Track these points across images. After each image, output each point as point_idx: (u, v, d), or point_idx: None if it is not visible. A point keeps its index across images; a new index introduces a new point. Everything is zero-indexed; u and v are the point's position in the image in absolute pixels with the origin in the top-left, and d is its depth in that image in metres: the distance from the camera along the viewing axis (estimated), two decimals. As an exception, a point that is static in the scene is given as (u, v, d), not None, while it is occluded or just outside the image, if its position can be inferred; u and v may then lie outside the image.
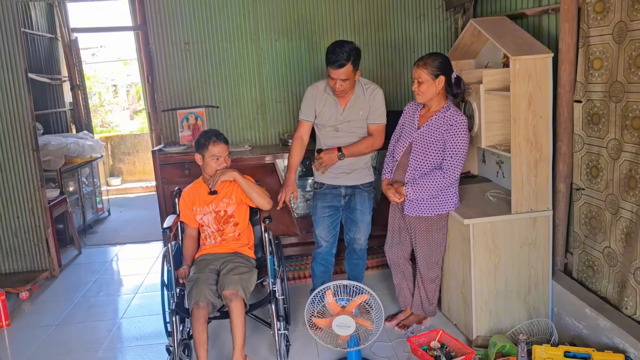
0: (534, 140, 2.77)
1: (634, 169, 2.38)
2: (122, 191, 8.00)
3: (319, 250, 3.31)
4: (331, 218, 3.24)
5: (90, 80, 11.02)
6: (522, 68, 2.69)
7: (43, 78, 5.64)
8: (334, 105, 3.07)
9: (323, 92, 3.10)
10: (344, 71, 2.88)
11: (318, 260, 3.34)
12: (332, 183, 3.19)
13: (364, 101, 3.07)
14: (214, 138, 2.86)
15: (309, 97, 3.13)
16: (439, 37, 4.56)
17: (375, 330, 2.60)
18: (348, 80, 2.92)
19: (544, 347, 2.47)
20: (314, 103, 3.11)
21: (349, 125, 3.09)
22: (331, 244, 3.30)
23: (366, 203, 3.24)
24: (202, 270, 2.78)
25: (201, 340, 2.59)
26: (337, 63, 2.86)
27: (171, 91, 4.42)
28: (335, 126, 3.09)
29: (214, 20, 4.36)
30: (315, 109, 3.12)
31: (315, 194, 3.26)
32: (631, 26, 2.32)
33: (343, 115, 3.07)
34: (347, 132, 3.10)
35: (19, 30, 3.97)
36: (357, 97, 3.07)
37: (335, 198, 3.21)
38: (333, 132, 3.11)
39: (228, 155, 2.91)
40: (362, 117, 3.09)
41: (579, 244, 2.84)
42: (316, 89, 3.12)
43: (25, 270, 4.23)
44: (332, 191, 3.20)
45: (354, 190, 3.21)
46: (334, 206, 3.23)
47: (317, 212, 3.24)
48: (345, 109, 3.06)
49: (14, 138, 4.05)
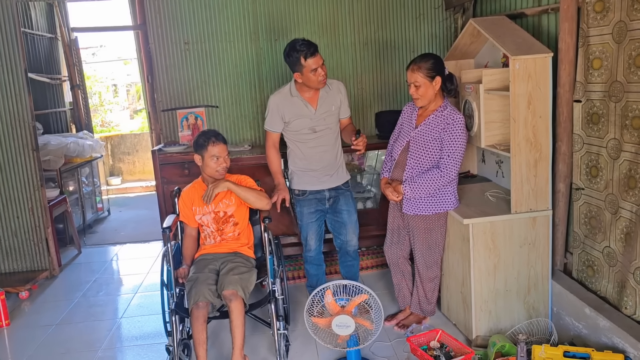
0: (533, 140, 2.77)
1: (633, 168, 2.38)
2: (122, 191, 8.01)
3: (309, 254, 3.33)
4: (318, 222, 3.26)
5: (90, 79, 11.02)
6: (521, 68, 2.69)
7: (43, 78, 5.63)
8: (304, 107, 3.06)
9: (290, 97, 3.07)
10: (320, 56, 2.94)
11: (310, 262, 3.37)
12: (315, 188, 3.18)
13: (332, 95, 3.10)
14: (213, 138, 2.85)
15: (274, 108, 3.09)
16: (439, 37, 4.56)
17: (375, 330, 2.60)
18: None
19: (543, 347, 2.46)
20: (280, 112, 3.09)
21: (325, 123, 3.09)
22: (319, 244, 3.32)
23: (350, 202, 3.25)
24: (202, 270, 2.78)
25: (201, 340, 2.59)
26: (313, 47, 2.91)
27: (171, 91, 4.42)
28: (312, 127, 3.08)
29: (214, 20, 4.35)
30: (282, 117, 3.09)
31: (299, 201, 3.23)
32: (631, 26, 2.32)
33: (317, 114, 3.07)
34: (324, 130, 3.10)
35: (19, 30, 3.97)
36: (325, 94, 3.09)
37: (320, 202, 3.21)
38: (311, 135, 3.10)
39: (227, 155, 2.90)
40: (334, 111, 3.12)
41: (578, 244, 2.83)
42: (280, 95, 3.10)
43: (25, 270, 4.23)
44: (316, 196, 3.20)
45: (337, 192, 3.21)
46: (319, 210, 3.23)
47: (303, 218, 3.23)
48: (317, 108, 3.06)
49: (14, 138, 4.05)
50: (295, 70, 2.96)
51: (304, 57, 2.89)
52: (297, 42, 2.92)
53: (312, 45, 2.91)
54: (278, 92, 3.12)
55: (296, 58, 2.90)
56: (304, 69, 2.92)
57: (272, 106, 3.10)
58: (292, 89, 3.07)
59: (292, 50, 2.91)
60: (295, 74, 2.98)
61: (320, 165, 3.13)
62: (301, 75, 2.95)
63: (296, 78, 3.00)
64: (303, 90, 3.05)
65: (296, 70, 2.96)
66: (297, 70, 2.94)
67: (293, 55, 2.91)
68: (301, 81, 2.99)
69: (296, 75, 2.98)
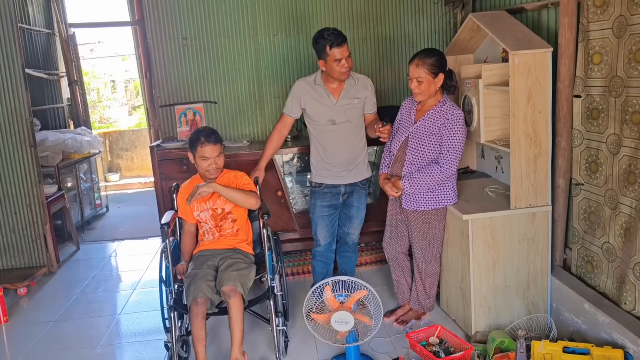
0: (533, 135, 2.76)
1: (633, 164, 2.37)
2: (120, 187, 7.99)
3: (318, 249, 3.32)
4: (330, 217, 3.24)
5: (88, 75, 11.00)
6: (521, 63, 2.68)
7: (40, 74, 5.61)
8: (326, 97, 3.07)
9: (313, 84, 3.10)
10: (347, 47, 2.94)
11: (318, 258, 3.34)
12: (332, 182, 3.18)
13: (357, 89, 3.10)
14: (202, 138, 2.80)
15: (295, 92, 3.14)
16: (438, 32, 4.55)
17: (374, 326, 2.60)
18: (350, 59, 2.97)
19: (542, 342, 2.47)
20: (300, 97, 3.11)
21: (345, 116, 3.08)
22: (330, 241, 3.30)
23: (363, 200, 3.26)
24: (201, 266, 2.78)
25: (199, 336, 2.59)
26: (341, 38, 2.91)
27: (169, 86, 4.41)
28: (331, 119, 3.08)
29: (212, 15, 4.34)
30: (300, 103, 3.12)
31: (314, 193, 3.24)
32: (631, 20, 2.31)
33: (337, 105, 3.06)
34: (344, 123, 3.09)
35: (16, 25, 3.96)
36: (350, 86, 3.09)
37: (334, 197, 3.21)
38: (330, 126, 3.09)
39: (219, 154, 2.84)
40: (357, 105, 3.11)
41: (578, 239, 2.83)
42: (305, 82, 3.13)
43: (23, 267, 4.23)
44: (332, 190, 3.19)
45: (353, 188, 3.21)
46: (332, 205, 3.22)
47: (315, 211, 3.23)
48: (339, 99, 3.06)
49: (12, 134, 4.04)
50: (320, 58, 2.99)
51: (330, 46, 2.91)
52: (327, 30, 2.95)
53: (340, 36, 2.93)
54: (304, 79, 3.16)
55: (322, 45, 2.93)
56: (328, 58, 2.94)
57: (295, 90, 3.14)
58: (318, 77, 3.10)
59: (319, 37, 2.95)
60: (319, 61, 3.01)
61: (338, 160, 3.13)
62: (325, 63, 2.98)
63: (320, 66, 3.02)
64: (328, 80, 3.07)
65: (321, 58, 2.98)
66: (322, 58, 2.97)
67: (320, 42, 2.94)
68: (325, 70, 3.01)
69: (320, 62, 3.00)
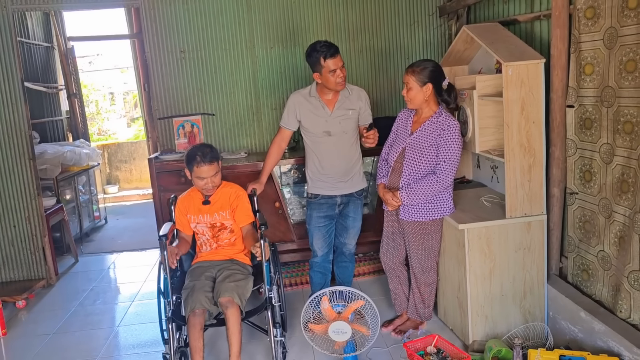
0: (527, 145, 2.79)
1: (626, 172, 2.40)
2: (119, 199, 8.00)
3: (315, 260, 3.33)
4: (326, 227, 3.25)
5: (87, 88, 11.04)
6: (514, 74, 2.71)
7: (39, 87, 5.65)
8: (321, 108, 3.09)
9: (308, 96, 3.12)
10: (340, 57, 2.97)
11: (315, 268, 3.35)
12: (328, 193, 3.19)
13: (352, 100, 3.12)
14: (198, 158, 2.80)
15: (291, 105, 3.16)
16: (433, 43, 4.59)
17: (372, 336, 2.61)
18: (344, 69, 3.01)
19: (539, 351, 2.48)
20: (296, 110, 3.13)
21: (340, 127, 3.11)
22: (327, 252, 3.31)
23: (359, 210, 3.27)
24: (198, 277, 2.78)
25: (197, 347, 2.59)
26: (333, 49, 2.94)
27: (167, 99, 4.44)
28: (326, 130, 3.11)
29: (210, 28, 4.38)
30: (297, 115, 3.14)
31: (310, 204, 3.26)
32: (621, 32, 2.35)
33: (332, 116, 3.09)
34: (340, 134, 3.11)
35: (15, 39, 3.99)
36: (344, 98, 3.11)
37: (330, 208, 3.22)
38: (326, 137, 3.12)
39: (215, 173, 2.85)
40: (351, 116, 3.13)
41: (573, 248, 2.85)
42: (300, 94, 3.16)
43: (21, 279, 4.23)
44: (328, 201, 3.21)
45: (349, 199, 3.22)
46: (329, 216, 3.24)
47: (312, 222, 3.25)
48: (333, 110, 3.09)
49: (11, 147, 4.06)
50: (315, 71, 3.02)
51: (324, 58, 2.94)
52: (319, 43, 2.98)
53: (333, 47, 2.96)
54: (299, 91, 3.19)
55: (316, 58, 2.96)
56: (323, 70, 2.97)
57: (290, 103, 3.16)
58: (313, 89, 3.12)
59: (312, 50, 2.98)
60: (314, 74, 3.04)
61: (334, 171, 3.14)
62: (320, 75, 3.00)
63: (315, 78, 3.05)
64: (323, 92, 3.10)
65: (316, 71, 3.01)
66: (317, 70, 3.00)
67: (313, 55, 2.97)
68: (320, 82, 3.04)
69: (315, 75, 3.03)
